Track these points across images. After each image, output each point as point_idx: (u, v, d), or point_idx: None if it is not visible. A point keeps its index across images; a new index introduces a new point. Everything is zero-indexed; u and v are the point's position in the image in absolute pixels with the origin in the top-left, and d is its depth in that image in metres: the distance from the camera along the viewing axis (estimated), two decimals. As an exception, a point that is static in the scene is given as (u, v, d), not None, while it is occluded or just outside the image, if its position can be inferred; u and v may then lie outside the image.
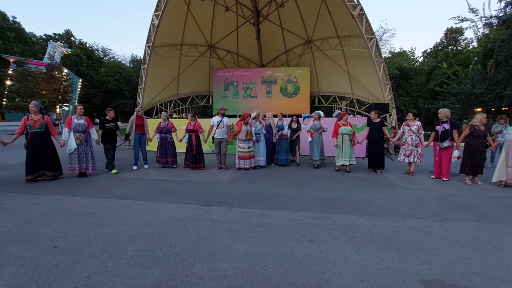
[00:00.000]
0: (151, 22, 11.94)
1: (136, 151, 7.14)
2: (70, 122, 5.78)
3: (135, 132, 7.05)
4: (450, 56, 31.83)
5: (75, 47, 41.86)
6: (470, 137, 5.71)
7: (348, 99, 16.63)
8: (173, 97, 17.87)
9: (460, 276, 2.24)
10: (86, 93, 38.06)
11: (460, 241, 2.91)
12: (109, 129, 6.55)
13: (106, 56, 54.07)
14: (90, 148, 6.05)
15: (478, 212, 3.87)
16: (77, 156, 5.80)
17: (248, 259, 2.48)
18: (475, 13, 15.80)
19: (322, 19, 13.78)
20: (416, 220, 3.50)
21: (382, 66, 11.46)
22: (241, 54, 18.19)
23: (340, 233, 3.06)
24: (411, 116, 6.47)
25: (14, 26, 34.64)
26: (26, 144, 5.27)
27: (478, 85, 16.35)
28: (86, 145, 5.96)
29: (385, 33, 32.75)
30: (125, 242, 2.78)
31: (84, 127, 5.91)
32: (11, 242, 2.77)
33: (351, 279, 2.19)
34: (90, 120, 6.15)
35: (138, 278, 2.16)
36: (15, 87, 24.96)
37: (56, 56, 32.69)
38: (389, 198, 4.54)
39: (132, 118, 7.13)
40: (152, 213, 3.66)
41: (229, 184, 5.54)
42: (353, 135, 6.90)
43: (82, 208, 3.88)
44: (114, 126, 6.69)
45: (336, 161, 6.89)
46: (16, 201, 4.17)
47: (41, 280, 2.13)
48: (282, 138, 7.67)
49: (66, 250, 2.61)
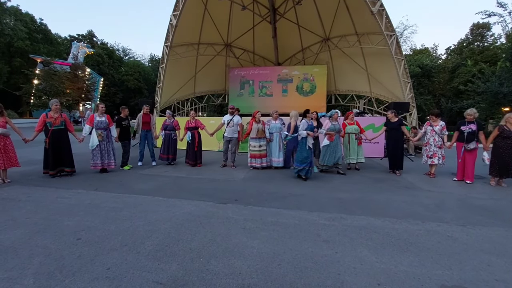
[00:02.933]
0: (169, 22, 12.19)
1: (142, 147, 7.33)
2: (92, 119, 6.02)
3: (142, 129, 7.29)
4: (476, 53, 30.32)
5: (97, 47, 43.26)
6: (498, 138, 5.48)
7: (366, 97, 16.30)
8: (190, 96, 18.17)
9: (483, 283, 2.15)
10: (107, 92, 39.27)
11: (484, 246, 2.78)
12: (125, 127, 6.80)
13: (126, 56, 55.52)
14: (112, 145, 6.27)
15: (504, 217, 3.68)
16: (99, 152, 6.02)
17: (263, 258, 2.48)
18: (503, 7, 15.08)
19: (340, 16, 13.54)
20: (437, 223, 3.38)
21: (402, 64, 11.13)
22: (257, 53, 18.20)
23: (357, 235, 3.00)
24: (434, 118, 6.23)
25: (41, 28, 36.29)
26: (48, 141, 5.44)
27: (506, 83, 15.54)
28: (108, 142, 6.17)
29: (406, 29, 31.76)
30: (143, 237, 2.86)
31: (106, 124, 6.13)
32: (38, 234, 2.92)
33: (367, 281, 2.15)
34: (111, 118, 6.37)
35: (156, 272, 2.22)
36: (41, 86, 26.20)
37: (79, 56, 33.94)
38: (408, 200, 4.41)
39: (139, 116, 7.36)
40: (169, 209, 3.74)
41: (244, 182, 5.56)
42: (361, 133, 6.88)
43: (103, 202, 4.03)
44: (128, 123, 6.94)
45: (345, 160, 6.92)
46: (43, 195, 4.39)
47: (65, 270, 2.24)
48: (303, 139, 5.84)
49: (88, 243, 2.72)
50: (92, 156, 6.01)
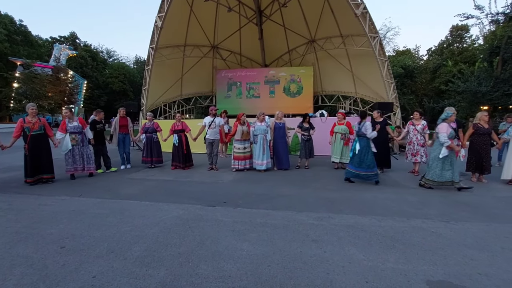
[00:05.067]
0: (155, 24, 12.01)
1: (121, 151, 7.23)
2: (64, 125, 5.79)
3: (119, 133, 7.15)
4: (456, 54, 31.43)
5: (80, 49, 42.25)
6: (474, 135, 5.77)
7: (351, 98, 16.55)
8: (176, 98, 17.95)
9: (467, 277, 2.22)
10: (91, 95, 38.40)
11: (467, 241, 2.88)
12: (99, 130, 6.65)
13: (110, 58, 54.44)
14: (87, 149, 6.08)
15: (485, 212, 3.82)
16: (73, 157, 5.82)
17: (252, 260, 2.48)
18: (480, 10, 15.62)
19: (325, 18, 13.73)
20: (422, 220, 3.48)
21: (386, 65, 11.38)
22: (244, 54, 18.20)
23: (345, 234, 3.05)
24: (418, 116, 6.44)
25: (21, 30, 35.08)
26: (27, 147, 5.22)
27: (484, 83, 16.13)
28: (82, 145, 5.97)
29: (389, 31, 32.41)
30: (130, 243, 2.81)
31: (80, 128, 5.94)
32: (20, 243, 2.81)
33: (355, 279, 2.18)
34: (83, 120, 6.22)
35: (144, 279, 2.18)
36: (22, 89, 25.35)
37: (61, 58, 33.08)
38: (394, 198, 4.51)
39: (116, 119, 7.21)
40: (157, 214, 3.68)
41: (233, 184, 5.55)
42: (350, 134, 6.95)
43: (88, 208, 3.92)
44: (103, 127, 6.82)
45: (331, 158, 7.17)
46: (24, 202, 4.23)
47: (49, 280, 2.16)
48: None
49: (73, 251, 2.64)
50: (65, 160, 5.81)
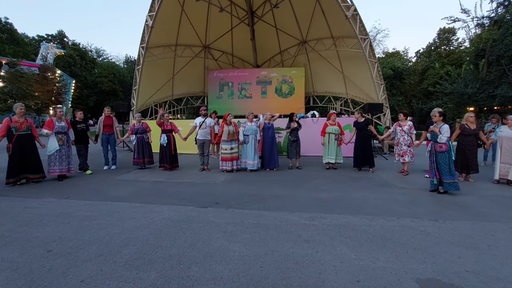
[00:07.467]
0: (145, 23, 11.86)
1: (105, 151, 7.15)
2: (51, 124, 5.68)
3: (103, 133, 7.08)
4: (443, 56, 32.23)
5: (68, 48, 41.39)
6: (460, 136, 5.88)
7: (342, 99, 16.71)
8: (167, 98, 17.76)
9: (455, 274, 2.27)
10: (80, 94, 37.67)
11: (454, 240, 2.94)
12: (80, 130, 6.57)
13: (99, 57, 53.53)
14: (70, 150, 6.06)
15: (472, 211, 3.92)
16: (59, 157, 5.74)
17: (244, 261, 2.47)
18: (467, 13, 16.06)
19: (316, 20, 13.83)
20: (411, 219, 3.53)
21: (376, 66, 11.54)
22: (236, 55, 18.16)
23: (336, 233, 3.07)
24: (402, 117, 6.61)
25: (6, 27, 34.23)
26: (11, 147, 5.15)
27: (470, 84, 16.57)
28: (68, 146, 5.97)
29: (378, 33, 33.01)
30: (120, 245, 2.76)
31: (66, 129, 5.95)
32: (4, 247, 2.72)
33: (347, 279, 2.20)
34: (68, 121, 6.18)
35: (134, 282, 2.14)
36: (7, 88, 24.61)
37: (49, 57, 32.32)
38: (384, 197, 4.57)
39: (101, 119, 7.14)
40: (148, 216, 3.63)
41: (225, 185, 5.52)
42: (341, 134, 7.09)
43: (76, 211, 3.83)
44: (85, 127, 6.71)
45: (323, 159, 7.15)
46: (9, 205, 4.11)
47: (35, 285, 2.10)
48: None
49: (60, 254, 2.58)
50: (49, 161, 5.71)
